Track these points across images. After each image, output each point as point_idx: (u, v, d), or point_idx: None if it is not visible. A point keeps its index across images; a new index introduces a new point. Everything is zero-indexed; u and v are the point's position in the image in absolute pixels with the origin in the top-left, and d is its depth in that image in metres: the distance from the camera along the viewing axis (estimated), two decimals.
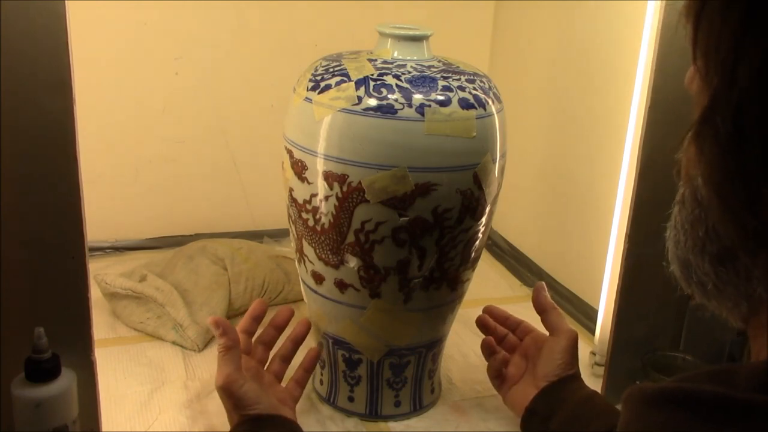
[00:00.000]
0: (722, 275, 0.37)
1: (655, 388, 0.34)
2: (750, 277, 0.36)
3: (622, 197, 0.97)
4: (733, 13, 0.33)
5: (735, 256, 0.36)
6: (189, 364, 1.01)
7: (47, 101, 0.64)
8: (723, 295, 0.38)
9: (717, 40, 0.35)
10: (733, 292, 0.37)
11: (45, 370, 0.67)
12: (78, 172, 0.67)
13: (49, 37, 0.62)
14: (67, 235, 0.68)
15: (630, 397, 0.36)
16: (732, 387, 0.33)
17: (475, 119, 0.79)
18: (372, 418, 0.92)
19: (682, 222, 0.39)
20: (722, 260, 0.37)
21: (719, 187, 0.35)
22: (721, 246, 0.36)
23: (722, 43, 0.34)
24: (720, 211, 0.35)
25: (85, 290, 0.70)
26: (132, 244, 1.34)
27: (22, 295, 0.68)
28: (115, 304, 1.10)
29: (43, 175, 0.66)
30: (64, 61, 0.63)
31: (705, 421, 0.32)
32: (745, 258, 0.35)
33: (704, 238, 0.37)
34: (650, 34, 0.89)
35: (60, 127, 0.65)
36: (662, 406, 0.33)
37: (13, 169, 0.65)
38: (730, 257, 0.36)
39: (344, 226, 0.80)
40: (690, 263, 0.39)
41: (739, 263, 0.36)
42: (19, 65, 0.62)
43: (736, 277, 0.37)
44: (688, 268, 0.39)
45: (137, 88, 1.27)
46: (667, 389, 0.34)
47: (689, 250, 0.38)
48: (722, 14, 0.34)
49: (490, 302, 0.97)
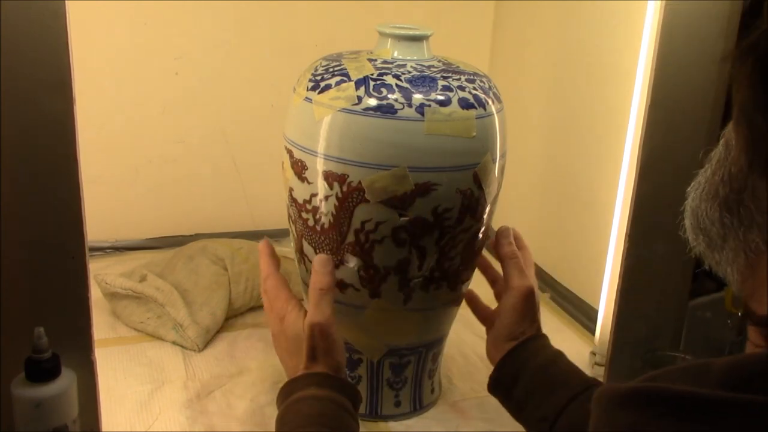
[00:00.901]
0: (726, 222, 0.39)
1: (625, 388, 0.34)
2: (751, 225, 0.37)
3: (622, 197, 0.97)
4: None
5: (741, 200, 0.38)
6: (189, 364, 1.01)
7: (47, 101, 0.64)
8: (725, 245, 0.39)
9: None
10: (734, 242, 0.39)
11: (45, 370, 0.67)
12: (78, 172, 0.66)
13: (49, 37, 0.62)
14: (67, 235, 0.68)
15: (601, 397, 0.36)
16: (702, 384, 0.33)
17: (475, 119, 0.79)
18: (372, 418, 0.92)
19: (705, 173, 0.41)
20: (729, 207, 0.39)
21: (751, 114, 0.36)
22: (731, 189, 0.38)
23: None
24: (746, 136, 0.37)
25: (85, 290, 0.70)
26: (132, 244, 1.34)
27: (22, 295, 0.68)
28: (115, 304, 1.10)
29: (43, 175, 0.66)
30: (64, 61, 0.63)
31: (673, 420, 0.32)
32: (750, 202, 0.37)
33: (719, 182, 0.39)
34: (650, 34, 0.89)
35: (60, 127, 0.65)
36: (632, 405, 0.34)
37: (13, 169, 0.65)
38: (736, 203, 0.38)
39: (344, 225, 0.80)
40: (700, 211, 0.41)
41: (743, 210, 0.38)
42: (19, 65, 0.62)
43: (739, 224, 0.38)
44: (698, 216, 0.41)
45: (137, 88, 1.27)
46: (636, 389, 0.34)
47: (703, 197, 0.41)
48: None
49: (491, 303, 0.96)
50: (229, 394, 0.95)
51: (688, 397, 0.32)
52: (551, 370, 0.79)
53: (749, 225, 0.37)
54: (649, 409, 0.33)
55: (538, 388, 0.78)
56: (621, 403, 0.34)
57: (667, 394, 0.33)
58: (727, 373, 0.33)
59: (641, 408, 0.33)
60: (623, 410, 0.34)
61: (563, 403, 0.75)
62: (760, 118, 0.35)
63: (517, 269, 0.84)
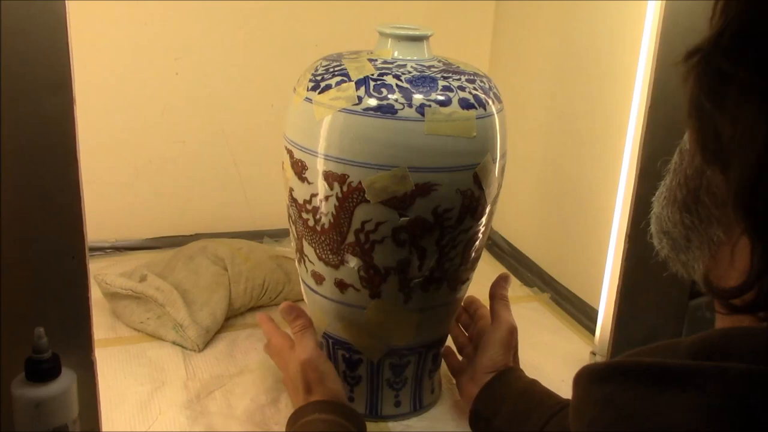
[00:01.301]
0: (687, 222, 0.41)
1: (600, 365, 0.37)
2: (710, 220, 0.39)
3: (622, 197, 0.97)
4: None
5: (698, 199, 0.40)
6: (189, 364, 1.01)
7: (47, 101, 0.64)
8: (689, 244, 0.41)
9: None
10: (696, 239, 0.41)
11: (45, 370, 0.67)
12: (78, 172, 0.66)
13: (49, 37, 0.62)
14: (67, 235, 0.68)
15: (579, 377, 0.38)
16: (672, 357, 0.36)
17: (475, 119, 0.79)
18: (372, 418, 0.92)
19: (664, 182, 0.43)
20: (688, 207, 0.41)
21: (699, 110, 0.38)
22: (688, 191, 0.40)
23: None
24: (692, 136, 0.39)
25: (85, 290, 0.70)
26: (132, 244, 1.34)
27: (22, 295, 0.68)
28: (115, 304, 1.10)
29: (43, 175, 0.66)
30: (64, 61, 0.63)
31: (643, 389, 0.35)
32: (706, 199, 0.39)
33: (676, 187, 0.41)
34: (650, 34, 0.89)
35: (60, 127, 0.65)
36: (606, 379, 0.37)
37: (13, 169, 0.65)
38: (694, 203, 0.40)
39: (344, 226, 0.80)
40: (662, 217, 0.43)
41: (701, 207, 0.40)
42: (19, 65, 0.62)
43: (699, 222, 0.40)
44: (660, 221, 0.43)
45: (137, 88, 1.27)
46: (609, 364, 0.37)
47: (664, 203, 0.43)
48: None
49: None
50: (229, 394, 0.95)
51: (657, 367, 0.35)
52: (529, 393, 0.82)
53: (708, 221, 0.39)
54: (623, 381, 0.36)
55: (522, 413, 0.80)
56: (597, 379, 0.37)
57: (638, 367, 0.36)
58: (693, 346, 0.36)
59: (615, 380, 0.36)
60: (599, 384, 0.37)
61: (544, 420, 0.77)
62: (708, 105, 0.37)
63: (507, 309, 0.91)
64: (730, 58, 0.35)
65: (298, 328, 0.86)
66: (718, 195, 0.38)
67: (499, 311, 0.90)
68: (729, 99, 0.35)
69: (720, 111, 0.36)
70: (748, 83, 0.34)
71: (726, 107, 0.36)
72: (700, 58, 0.37)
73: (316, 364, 0.83)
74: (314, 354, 0.84)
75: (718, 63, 0.36)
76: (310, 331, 0.86)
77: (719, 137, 0.36)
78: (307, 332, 0.86)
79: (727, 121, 0.36)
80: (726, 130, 0.36)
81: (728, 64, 0.35)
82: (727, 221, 0.38)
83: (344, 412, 0.80)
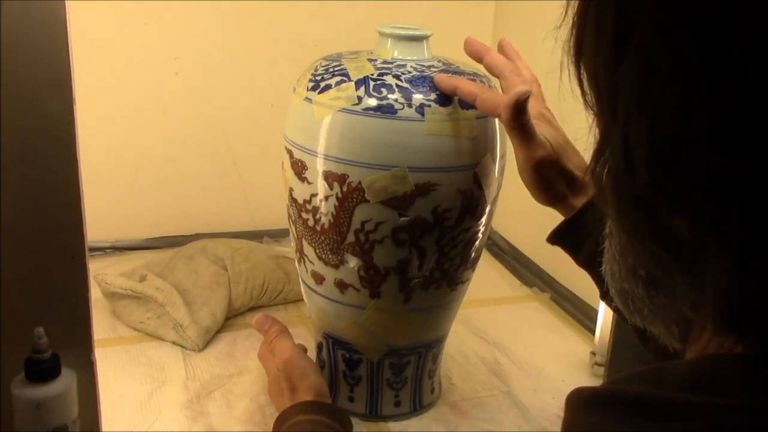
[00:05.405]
0: (654, 299, 0.38)
1: (588, 391, 0.36)
2: (677, 297, 0.37)
3: None
4: (603, 46, 0.35)
5: (660, 276, 0.37)
6: (189, 364, 1.01)
7: (47, 101, 0.64)
8: (658, 319, 0.39)
9: (596, 76, 0.37)
10: (665, 315, 0.38)
11: (45, 370, 0.67)
12: (78, 172, 0.66)
13: (49, 37, 0.62)
14: (67, 235, 0.68)
15: (570, 400, 0.37)
16: (659, 386, 0.35)
17: (475, 119, 0.79)
18: (372, 418, 0.92)
19: (613, 253, 0.40)
20: (653, 283, 0.38)
21: (622, 221, 0.36)
22: (648, 270, 0.37)
23: (601, 80, 0.36)
24: (629, 241, 0.37)
25: (85, 290, 0.70)
26: (132, 244, 1.34)
27: (22, 295, 0.68)
28: (115, 304, 1.10)
29: (43, 175, 0.66)
30: (64, 61, 0.63)
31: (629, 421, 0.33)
32: (668, 280, 0.37)
33: (634, 263, 0.38)
34: None
35: (60, 127, 0.65)
36: (593, 408, 0.35)
37: (13, 169, 0.65)
38: (658, 279, 0.37)
39: (344, 226, 0.80)
40: (627, 292, 0.39)
41: (666, 284, 0.37)
42: (19, 65, 0.62)
43: (665, 298, 0.38)
44: (626, 296, 0.40)
45: (137, 87, 1.27)
46: (596, 391, 0.36)
47: (623, 279, 0.39)
48: (595, 50, 0.36)
49: (490, 302, 0.96)
50: (229, 394, 0.95)
51: (644, 398, 0.34)
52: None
53: (675, 297, 0.37)
54: (608, 411, 0.34)
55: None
56: (585, 405, 0.36)
57: (624, 397, 0.35)
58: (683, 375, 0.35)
59: (601, 410, 0.35)
60: (586, 412, 0.36)
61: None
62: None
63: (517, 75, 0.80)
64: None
65: (274, 334, 0.89)
66: (677, 279, 0.36)
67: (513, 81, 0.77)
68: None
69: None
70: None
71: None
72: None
73: (297, 360, 0.85)
74: (293, 352, 0.86)
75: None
76: (285, 335, 0.89)
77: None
78: (282, 336, 0.89)
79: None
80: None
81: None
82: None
83: (329, 410, 0.80)
